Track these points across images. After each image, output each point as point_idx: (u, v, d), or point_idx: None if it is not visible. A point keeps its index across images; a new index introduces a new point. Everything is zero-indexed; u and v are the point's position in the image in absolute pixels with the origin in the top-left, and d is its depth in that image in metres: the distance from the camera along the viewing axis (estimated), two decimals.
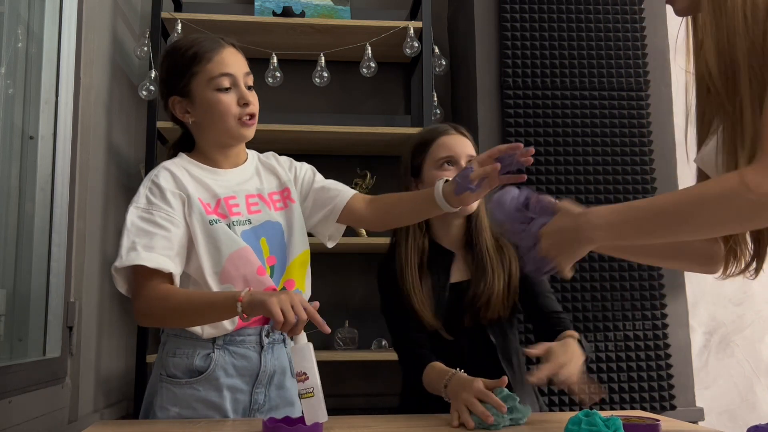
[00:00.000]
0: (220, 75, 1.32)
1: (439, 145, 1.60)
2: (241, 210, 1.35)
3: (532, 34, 2.34)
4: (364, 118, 2.45)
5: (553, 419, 1.34)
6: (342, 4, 2.58)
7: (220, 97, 1.32)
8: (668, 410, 2.19)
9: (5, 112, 1.68)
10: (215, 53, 1.33)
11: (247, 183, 1.40)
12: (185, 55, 1.34)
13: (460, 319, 1.56)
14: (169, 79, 1.38)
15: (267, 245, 1.35)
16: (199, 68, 1.33)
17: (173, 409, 1.30)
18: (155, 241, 1.25)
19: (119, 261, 1.23)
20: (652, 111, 2.37)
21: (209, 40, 1.36)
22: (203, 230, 1.29)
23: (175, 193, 1.31)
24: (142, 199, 1.30)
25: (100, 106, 2.15)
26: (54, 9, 1.86)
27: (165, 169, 1.35)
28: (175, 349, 1.32)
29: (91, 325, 2.04)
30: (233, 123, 1.34)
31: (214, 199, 1.34)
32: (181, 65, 1.35)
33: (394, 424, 1.29)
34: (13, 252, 1.71)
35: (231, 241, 1.29)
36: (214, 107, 1.33)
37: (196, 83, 1.34)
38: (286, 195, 1.43)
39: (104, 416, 2.11)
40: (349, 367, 2.54)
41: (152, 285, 1.23)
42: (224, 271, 1.29)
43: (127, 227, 1.26)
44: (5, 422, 1.42)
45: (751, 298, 2.80)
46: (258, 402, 1.35)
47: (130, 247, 1.24)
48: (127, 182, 2.47)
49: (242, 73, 1.35)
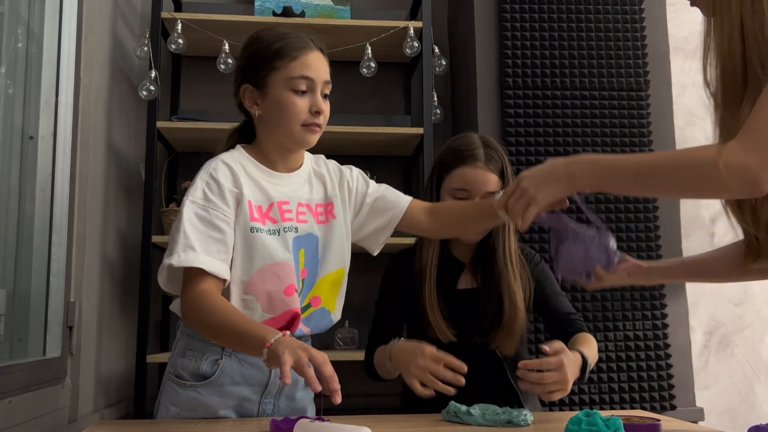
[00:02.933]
0: (300, 77, 1.27)
1: (458, 174, 1.54)
2: (292, 216, 1.31)
3: (532, 34, 2.34)
4: (364, 118, 2.45)
5: (553, 419, 1.34)
6: (342, 4, 2.58)
7: (293, 98, 1.27)
8: (668, 410, 2.19)
9: (5, 112, 1.68)
10: (301, 53, 1.28)
11: (300, 190, 1.35)
12: (271, 46, 1.29)
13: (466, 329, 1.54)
14: (247, 66, 1.32)
15: (304, 257, 1.31)
16: (282, 64, 1.28)
17: (173, 408, 1.29)
18: (212, 243, 1.21)
19: (176, 259, 1.17)
20: (652, 111, 2.37)
21: (299, 39, 1.30)
22: (242, 236, 1.25)
23: (233, 191, 1.26)
24: (199, 194, 1.24)
25: (100, 106, 2.15)
26: (54, 9, 1.86)
27: (223, 164, 1.28)
28: (185, 349, 1.30)
29: (91, 325, 2.04)
30: (298, 128, 1.28)
31: (267, 202, 1.29)
32: (264, 56, 1.29)
33: (394, 424, 1.28)
34: (13, 252, 1.71)
35: (266, 254, 1.25)
36: (284, 107, 1.28)
37: (273, 78, 1.28)
38: (330, 209, 1.39)
39: (104, 416, 2.11)
40: (349, 367, 2.54)
41: (201, 290, 1.18)
42: (251, 282, 1.25)
43: (183, 223, 1.20)
44: (5, 422, 1.42)
45: (751, 298, 2.80)
46: (266, 412, 1.32)
47: (187, 246, 1.19)
48: (127, 182, 2.47)
49: (322, 80, 1.30)
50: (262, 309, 1.27)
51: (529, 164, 2.24)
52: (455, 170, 1.55)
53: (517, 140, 2.27)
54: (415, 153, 2.60)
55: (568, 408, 2.14)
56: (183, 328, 1.33)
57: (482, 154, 1.54)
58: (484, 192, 1.53)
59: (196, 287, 1.19)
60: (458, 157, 1.56)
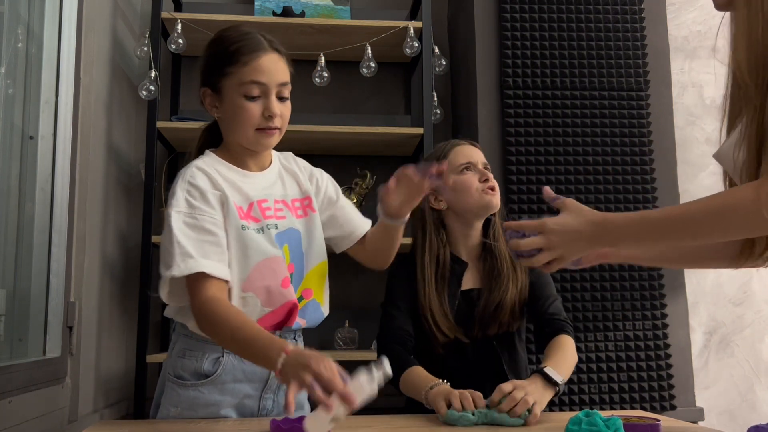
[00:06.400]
0: (251, 82, 1.27)
1: (456, 153, 1.66)
2: (272, 214, 1.32)
3: (532, 34, 2.34)
4: (364, 118, 2.45)
5: (553, 419, 1.34)
6: (342, 4, 2.58)
7: (246, 104, 1.27)
8: (668, 410, 2.19)
9: (5, 112, 1.68)
10: (253, 58, 1.27)
11: (273, 187, 1.37)
12: (226, 50, 1.29)
13: (470, 328, 1.57)
14: (205, 70, 1.33)
15: (288, 252, 1.33)
16: (234, 70, 1.27)
17: (174, 409, 1.29)
18: (207, 247, 1.21)
19: (177, 270, 1.17)
20: (652, 111, 2.37)
21: (253, 41, 1.29)
22: (236, 235, 1.26)
23: (215, 193, 1.26)
24: (182, 203, 1.24)
25: (100, 106, 2.15)
26: (54, 9, 1.86)
27: (198, 169, 1.29)
28: (185, 350, 1.31)
29: (91, 325, 2.04)
30: (252, 132, 1.29)
31: (246, 201, 1.30)
32: (218, 60, 1.30)
33: (394, 424, 1.28)
34: (13, 252, 1.71)
35: (259, 249, 1.27)
36: (237, 113, 1.28)
37: (227, 83, 1.29)
38: (307, 204, 1.41)
39: (104, 416, 2.11)
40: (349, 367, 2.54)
41: (209, 297, 1.18)
42: (249, 279, 1.26)
43: (174, 234, 1.20)
44: (5, 422, 1.42)
45: (751, 298, 2.80)
46: (266, 408, 1.34)
47: (184, 254, 1.18)
48: (127, 182, 2.47)
49: (276, 83, 1.29)
50: (261, 304, 1.28)
51: (529, 164, 2.25)
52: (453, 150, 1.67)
53: (517, 140, 2.27)
54: (415, 153, 2.60)
55: (568, 408, 2.14)
56: (179, 329, 1.34)
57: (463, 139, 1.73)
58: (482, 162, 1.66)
59: (204, 294, 1.19)
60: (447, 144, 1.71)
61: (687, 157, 2.76)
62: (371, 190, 2.51)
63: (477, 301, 1.59)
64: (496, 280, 1.58)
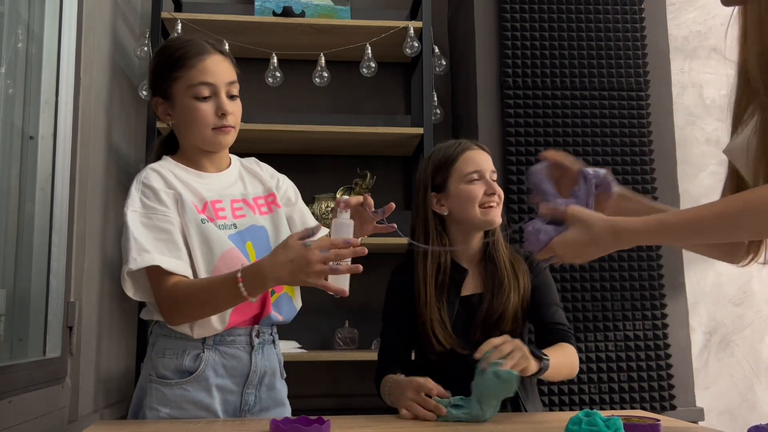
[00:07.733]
0: (200, 84, 1.32)
1: (466, 160, 1.60)
2: (226, 214, 1.35)
3: (532, 34, 2.35)
4: (364, 118, 2.45)
5: (553, 419, 1.34)
6: (342, 4, 2.58)
7: (198, 105, 1.32)
8: (668, 410, 2.20)
9: (5, 112, 1.68)
10: (198, 60, 1.32)
11: (232, 187, 1.40)
12: (171, 57, 1.34)
13: (470, 334, 1.55)
14: (154, 79, 1.38)
15: (253, 249, 1.35)
16: (181, 74, 1.32)
17: (163, 409, 1.30)
18: (162, 245, 1.25)
19: (133, 264, 1.22)
20: (652, 111, 2.37)
21: (196, 45, 1.35)
22: (197, 229, 1.29)
23: (169, 192, 1.31)
24: (137, 203, 1.29)
25: (100, 106, 2.15)
26: (54, 9, 1.86)
27: (153, 170, 1.34)
28: (164, 349, 1.32)
29: (91, 325, 2.04)
30: (209, 132, 1.34)
31: (201, 202, 1.34)
32: (166, 68, 1.35)
33: (394, 424, 1.29)
34: (13, 252, 1.71)
35: (222, 241, 1.30)
36: (191, 115, 1.33)
37: (176, 88, 1.34)
38: (271, 200, 1.44)
39: (104, 416, 2.11)
40: (349, 367, 2.54)
41: (171, 283, 1.24)
42: (216, 269, 1.29)
43: (130, 231, 1.25)
44: (5, 422, 1.42)
45: (751, 298, 2.80)
46: (248, 403, 1.35)
47: (141, 249, 1.23)
48: (127, 182, 2.46)
49: (224, 83, 1.34)
50: None
51: (529, 164, 2.25)
52: (462, 156, 1.60)
53: (517, 140, 2.27)
54: (415, 153, 2.60)
55: (568, 408, 2.14)
56: (157, 330, 1.36)
57: (473, 143, 1.64)
58: (491, 170, 1.60)
59: (165, 285, 1.24)
60: (457, 147, 1.63)
61: (687, 157, 2.76)
62: (371, 190, 2.51)
63: (478, 306, 1.57)
64: (498, 287, 1.56)
